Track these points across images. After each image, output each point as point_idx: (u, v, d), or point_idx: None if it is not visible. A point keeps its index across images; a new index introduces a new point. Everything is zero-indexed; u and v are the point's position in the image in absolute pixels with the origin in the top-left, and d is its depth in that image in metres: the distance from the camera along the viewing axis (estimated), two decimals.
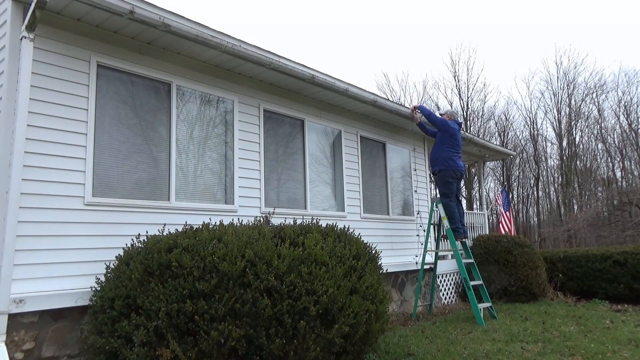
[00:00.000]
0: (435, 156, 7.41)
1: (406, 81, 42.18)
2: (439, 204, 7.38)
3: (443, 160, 7.28)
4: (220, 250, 3.57)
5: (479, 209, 21.24)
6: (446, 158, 7.26)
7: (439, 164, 7.32)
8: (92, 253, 4.18)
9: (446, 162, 7.24)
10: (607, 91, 24.70)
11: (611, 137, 24.38)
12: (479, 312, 6.61)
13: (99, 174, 4.38)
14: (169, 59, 5.07)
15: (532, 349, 4.98)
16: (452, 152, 7.29)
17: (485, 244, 9.04)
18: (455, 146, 7.36)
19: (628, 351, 4.86)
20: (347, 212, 7.10)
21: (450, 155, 7.27)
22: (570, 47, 38.72)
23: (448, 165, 7.23)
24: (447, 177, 7.25)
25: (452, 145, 7.32)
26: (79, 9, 4.10)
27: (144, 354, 3.30)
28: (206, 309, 3.32)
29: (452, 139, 7.33)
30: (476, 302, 6.70)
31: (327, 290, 3.62)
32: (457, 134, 7.43)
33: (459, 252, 7.10)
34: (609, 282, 9.12)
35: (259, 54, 5.26)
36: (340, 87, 6.36)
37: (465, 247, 7.50)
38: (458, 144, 7.41)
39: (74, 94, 4.26)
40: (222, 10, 41.44)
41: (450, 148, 7.29)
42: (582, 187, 24.23)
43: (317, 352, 3.51)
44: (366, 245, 4.78)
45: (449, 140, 7.33)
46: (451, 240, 7.12)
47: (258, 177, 5.87)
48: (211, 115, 5.52)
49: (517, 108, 37.13)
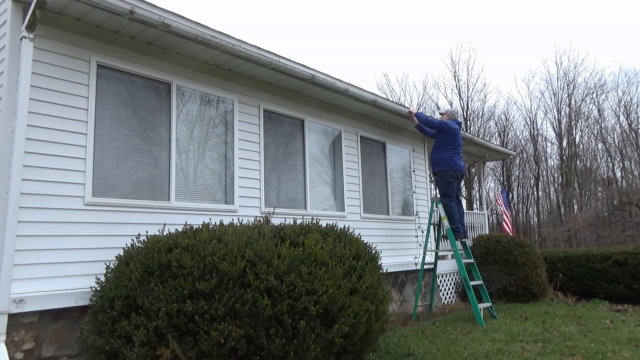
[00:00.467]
0: (436, 157, 7.37)
1: (406, 81, 42.26)
2: (439, 204, 7.35)
3: (444, 160, 7.24)
4: (220, 250, 3.57)
5: (479, 209, 21.25)
6: (447, 158, 7.22)
7: (439, 164, 7.28)
8: (92, 253, 4.18)
9: (447, 162, 7.21)
10: (607, 91, 24.75)
11: (611, 137, 24.42)
12: (479, 312, 6.60)
13: (99, 174, 4.38)
14: (169, 59, 5.07)
15: (532, 349, 4.98)
16: (453, 152, 7.25)
17: (485, 244, 9.04)
18: (456, 146, 7.32)
19: (628, 351, 4.86)
20: (347, 212, 7.10)
21: (451, 155, 7.23)
22: (570, 47, 38.79)
23: (449, 166, 7.20)
24: (448, 177, 7.21)
25: (453, 145, 7.28)
26: (79, 9, 4.10)
27: (144, 354, 3.30)
28: (206, 309, 3.32)
29: (453, 139, 7.29)
30: (476, 302, 6.68)
31: (327, 290, 3.62)
32: (458, 133, 7.40)
33: (459, 252, 7.07)
34: (609, 282, 9.12)
35: (259, 54, 5.27)
36: (340, 87, 6.36)
37: (465, 247, 7.47)
38: (459, 144, 7.37)
39: (74, 94, 4.26)
40: (222, 10, 41.46)
41: (450, 148, 7.25)
42: (582, 187, 24.24)
43: (317, 352, 3.51)
44: (366, 245, 4.78)
45: (450, 140, 7.28)
46: (451, 240, 7.09)
47: (258, 177, 5.87)
48: (211, 115, 5.52)
49: (517, 108, 37.22)
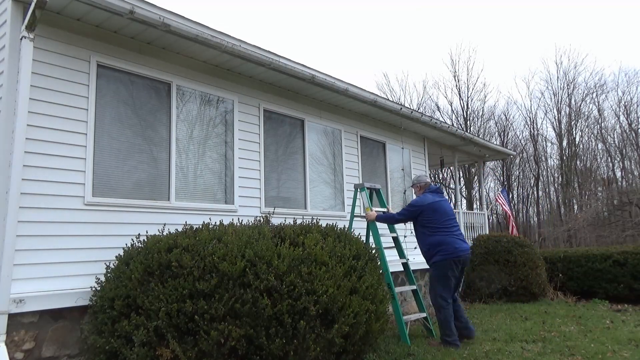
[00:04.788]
0: (423, 245, 5.37)
1: (406, 81, 42.31)
2: (363, 191, 5.87)
3: (434, 246, 5.22)
4: (220, 250, 3.57)
5: (479, 209, 21.24)
6: (440, 243, 5.19)
7: (430, 254, 5.27)
8: (92, 253, 4.18)
9: (440, 247, 5.18)
10: (607, 91, 24.82)
11: (611, 137, 24.39)
12: (403, 327, 5.23)
13: (99, 173, 4.38)
14: (169, 59, 5.07)
15: (532, 349, 4.98)
16: (444, 232, 5.22)
17: (485, 244, 9.04)
18: (446, 222, 5.27)
19: (628, 351, 4.86)
20: (347, 212, 7.10)
21: (444, 238, 5.19)
22: (570, 47, 38.81)
23: (447, 253, 5.15)
24: (446, 269, 5.15)
25: (439, 222, 5.26)
26: (79, 9, 4.10)
27: (144, 354, 3.30)
28: (206, 309, 3.32)
29: (435, 214, 5.28)
30: (401, 315, 5.32)
31: (327, 290, 3.62)
32: (442, 203, 5.39)
33: (384, 252, 5.53)
34: (609, 282, 9.12)
35: (259, 54, 5.27)
36: (340, 87, 6.36)
37: (398, 244, 6.05)
38: (448, 217, 5.31)
39: (74, 94, 4.26)
40: (222, 11, 41.45)
41: (439, 228, 5.24)
42: (582, 187, 24.22)
43: (317, 352, 3.51)
44: (366, 245, 4.78)
45: (433, 216, 5.28)
46: (375, 235, 5.67)
47: (258, 177, 5.87)
48: (211, 115, 5.52)
49: (517, 108, 37.16)
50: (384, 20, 40.32)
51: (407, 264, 6.04)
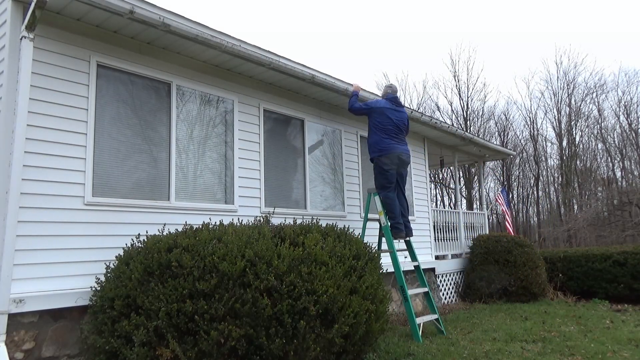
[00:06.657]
0: (368, 143, 6.46)
1: (406, 81, 42.13)
2: (376, 196, 6.35)
3: (373, 145, 6.30)
4: (220, 250, 3.57)
5: (479, 208, 21.24)
6: (377, 142, 6.25)
7: (370, 151, 6.38)
8: (92, 253, 4.18)
9: (377, 146, 6.25)
10: (607, 91, 24.80)
11: (611, 137, 24.40)
12: (416, 328, 5.55)
13: (99, 173, 4.38)
14: (169, 59, 5.07)
15: (532, 349, 4.98)
16: (383, 135, 6.24)
17: (485, 244, 9.04)
18: (387, 127, 6.25)
19: (628, 351, 4.86)
20: (347, 212, 7.10)
21: (380, 138, 6.24)
22: (570, 47, 38.69)
23: (382, 151, 6.22)
24: (382, 164, 6.22)
25: (384, 126, 6.24)
26: (78, 9, 4.10)
27: (144, 354, 3.30)
28: (206, 308, 3.32)
29: (381, 117, 6.27)
30: (414, 316, 5.61)
31: (327, 290, 3.62)
32: (387, 111, 6.29)
33: (396, 255, 5.93)
34: (609, 282, 9.13)
35: (259, 54, 5.27)
36: (340, 87, 6.36)
37: (410, 247, 6.43)
38: (392, 123, 6.27)
39: (73, 94, 4.26)
40: (222, 11, 41.46)
41: (381, 131, 6.25)
42: (582, 187, 24.23)
43: (317, 352, 3.51)
44: (366, 245, 4.78)
45: (379, 119, 6.27)
46: (388, 239, 6.10)
47: (258, 177, 5.87)
48: (211, 115, 5.52)
49: (517, 108, 37.16)
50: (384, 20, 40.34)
51: (419, 267, 6.39)
